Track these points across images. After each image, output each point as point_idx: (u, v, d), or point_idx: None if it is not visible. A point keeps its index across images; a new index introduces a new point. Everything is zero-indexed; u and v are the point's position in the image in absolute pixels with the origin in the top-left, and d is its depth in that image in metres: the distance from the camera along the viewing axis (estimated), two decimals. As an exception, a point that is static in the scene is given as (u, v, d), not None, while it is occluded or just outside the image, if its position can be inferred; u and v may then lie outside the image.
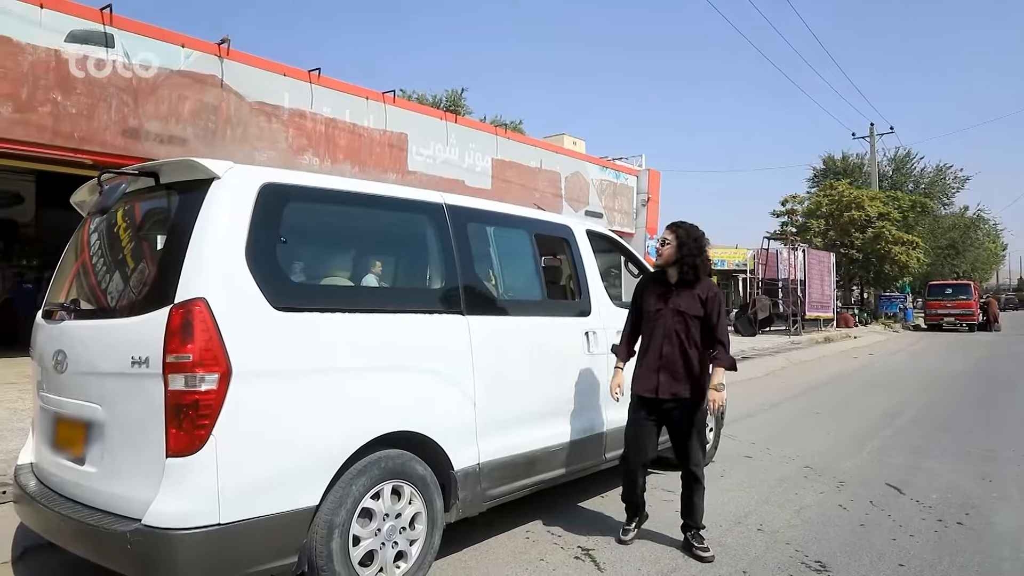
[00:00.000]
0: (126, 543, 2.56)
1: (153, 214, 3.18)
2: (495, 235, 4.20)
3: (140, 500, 2.60)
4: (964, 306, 28.91)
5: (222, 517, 2.59)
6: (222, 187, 2.84)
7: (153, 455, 2.62)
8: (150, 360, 2.66)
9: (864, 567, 3.56)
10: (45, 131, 10.37)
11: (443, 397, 3.43)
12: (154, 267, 2.91)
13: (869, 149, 33.87)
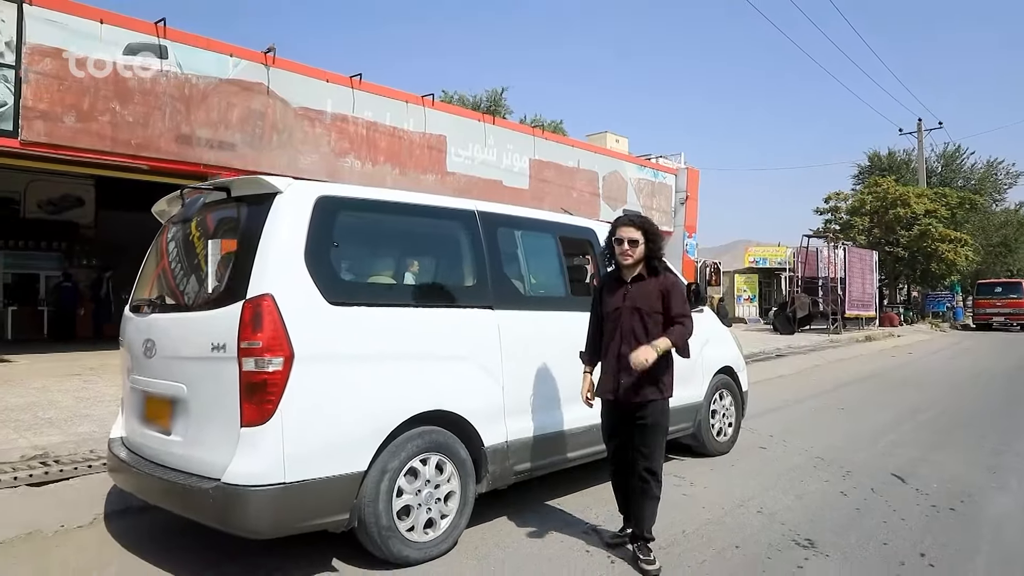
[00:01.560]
0: (208, 498, 3.12)
1: (225, 223, 3.74)
2: (522, 238, 4.63)
3: (219, 463, 3.14)
4: (1014, 305, 28.14)
5: (287, 477, 3.11)
6: (284, 200, 3.39)
7: (229, 425, 3.15)
8: (227, 346, 3.19)
9: (850, 544, 3.81)
10: (105, 139, 11.09)
11: (474, 381, 3.90)
12: (228, 267, 3.44)
13: (917, 145, 33.12)
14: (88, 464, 5.08)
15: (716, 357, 6.00)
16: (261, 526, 3.12)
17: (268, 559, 3.62)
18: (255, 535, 3.20)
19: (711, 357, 5.92)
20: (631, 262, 3.63)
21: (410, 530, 3.51)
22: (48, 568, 3.55)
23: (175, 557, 3.70)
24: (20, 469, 4.90)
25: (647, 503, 3.60)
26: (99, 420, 6.41)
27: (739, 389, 6.30)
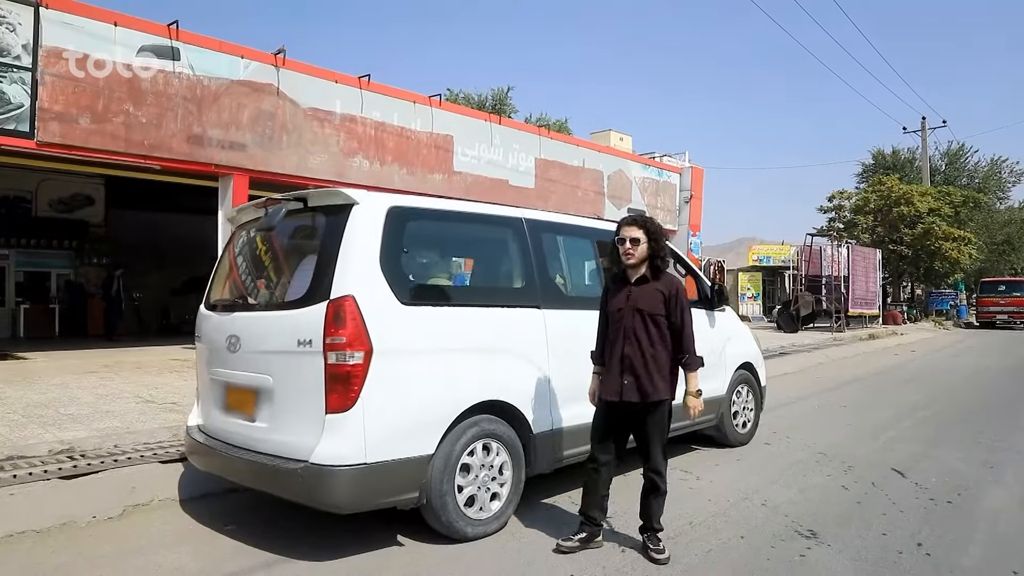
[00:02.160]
0: (297, 477, 3.50)
1: (302, 230, 4.18)
2: (564, 243, 4.98)
3: (305, 446, 3.51)
4: (1018, 303, 28.23)
5: (367, 459, 3.49)
6: (361, 210, 3.76)
7: (315, 413, 3.53)
8: (313, 341, 3.57)
9: (850, 535, 3.97)
10: (119, 140, 11.27)
11: (524, 374, 4.29)
12: (312, 271, 3.79)
13: (920, 144, 33.20)
14: (114, 459, 5.25)
15: (737, 353, 6.36)
16: (344, 502, 3.52)
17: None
18: (338, 510, 3.60)
19: (732, 353, 6.29)
20: (634, 261, 3.68)
21: (468, 508, 3.88)
22: (105, 552, 3.73)
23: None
24: (49, 463, 5.08)
25: (656, 499, 3.72)
26: (120, 416, 6.60)
27: (758, 384, 6.67)
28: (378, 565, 3.60)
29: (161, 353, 12.79)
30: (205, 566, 3.62)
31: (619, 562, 3.59)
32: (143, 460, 5.21)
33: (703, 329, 5.85)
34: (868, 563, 3.55)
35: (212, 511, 4.47)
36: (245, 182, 12.87)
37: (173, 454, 5.37)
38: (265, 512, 4.43)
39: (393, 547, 3.82)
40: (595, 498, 3.79)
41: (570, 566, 3.53)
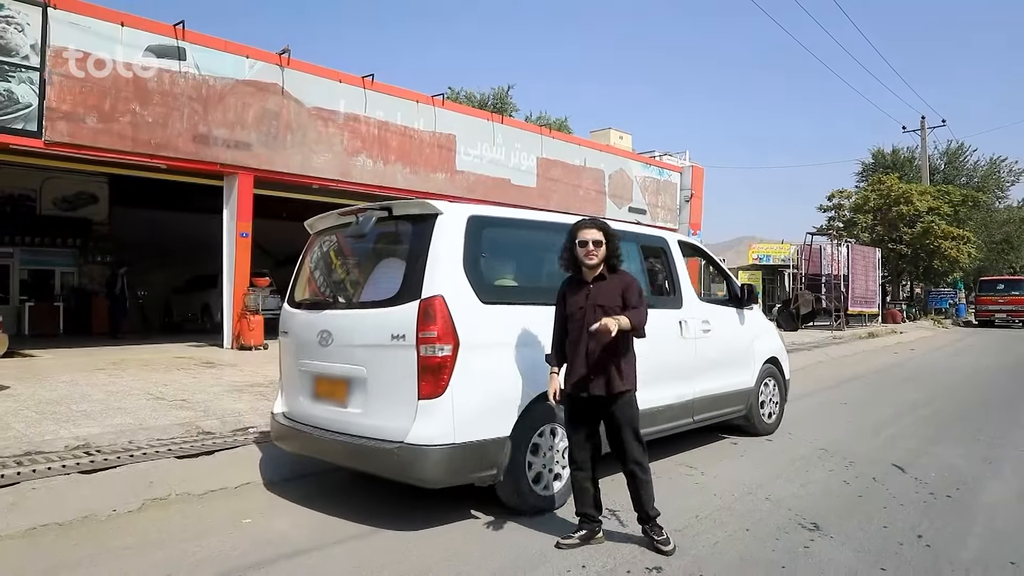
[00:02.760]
0: (393, 455, 3.94)
1: (385, 236, 4.62)
2: None
3: (399, 429, 3.96)
4: (1017, 302, 28.34)
5: (456, 439, 3.93)
6: (445, 219, 4.18)
7: (408, 399, 3.97)
8: (406, 336, 3.99)
9: (852, 527, 4.07)
10: (126, 139, 11.38)
11: None
12: (400, 273, 4.23)
13: (920, 143, 33.31)
14: (130, 454, 5.35)
15: (764, 349, 6.86)
16: (436, 478, 3.95)
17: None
18: (430, 485, 4.03)
19: (760, 349, 6.79)
20: (596, 261, 3.80)
21: (536, 485, 4.31)
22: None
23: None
24: (66, 458, 5.18)
25: (642, 488, 3.78)
26: (132, 413, 6.69)
27: (783, 377, 7.16)
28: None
29: (167, 351, 12.90)
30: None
31: (628, 553, 3.70)
32: (158, 456, 5.31)
33: (734, 326, 6.49)
34: (870, 554, 3.66)
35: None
36: (250, 181, 12.98)
37: (187, 449, 5.49)
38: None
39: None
40: (586, 496, 3.87)
41: (580, 556, 3.63)
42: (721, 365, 6.14)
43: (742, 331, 6.52)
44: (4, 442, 5.40)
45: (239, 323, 13.03)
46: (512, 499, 4.24)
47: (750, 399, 6.54)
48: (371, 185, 15.08)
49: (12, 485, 4.41)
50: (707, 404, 5.92)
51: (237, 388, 8.41)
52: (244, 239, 13.06)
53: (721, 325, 6.17)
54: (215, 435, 6.09)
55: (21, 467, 4.92)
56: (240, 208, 12.88)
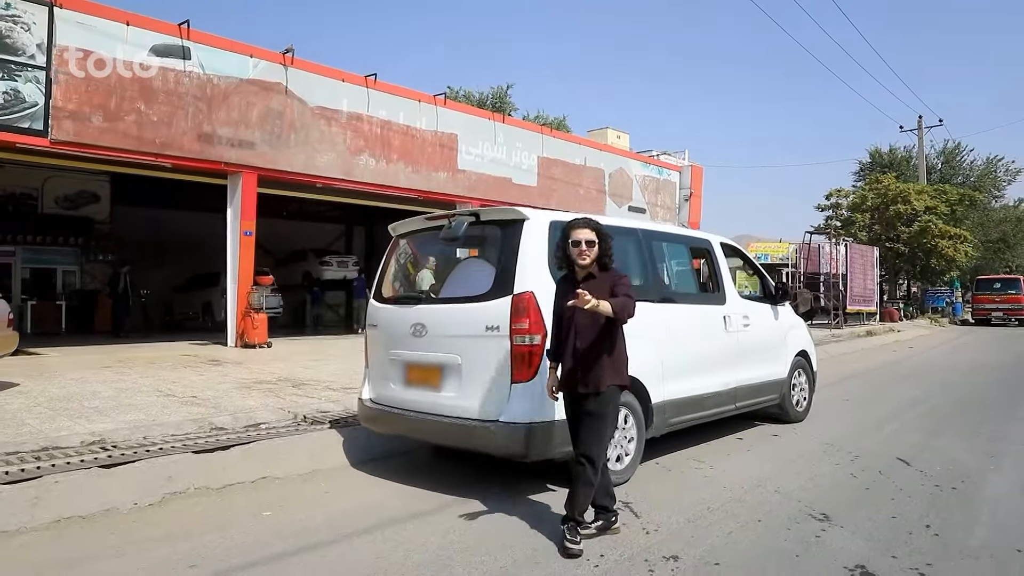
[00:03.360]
0: (490, 432, 4.41)
1: (473, 239, 5.10)
2: (667, 249, 6.05)
3: (494, 409, 4.44)
4: (1013, 300, 28.52)
5: (544, 418, 4.37)
6: (531, 224, 4.66)
7: (502, 383, 4.45)
8: (500, 327, 4.46)
9: (861, 518, 4.16)
10: (131, 138, 11.43)
11: (646, 355, 5.10)
12: (491, 271, 4.75)
13: (917, 142, 33.47)
14: (146, 449, 5.42)
15: (795, 342, 7.39)
16: (528, 451, 4.37)
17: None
18: (522, 458, 4.46)
19: (792, 342, 7.32)
20: (588, 261, 3.85)
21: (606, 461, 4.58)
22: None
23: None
24: (84, 453, 5.25)
25: (580, 488, 3.73)
26: (144, 409, 6.76)
27: (811, 369, 7.66)
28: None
29: (171, 349, 12.95)
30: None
31: (644, 542, 3.78)
32: (174, 451, 5.38)
33: (768, 320, 7.00)
34: (881, 543, 3.74)
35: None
36: (254, 180, 13.04)
37: (202, 444, 5.55)
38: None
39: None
40: (597, 489, 3.88)
41: (598, 546, 3.71)
42: (759, 357, 6.65)
43: (776, 325, 7.06)
44: (21, 438, 5.46)
45: (243, 321, 13.09)
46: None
47: (783, 388, 7.05)
48: (374, 184, 15.16)
49: (34, 479, 4.47)
50: (747, 392, 6.43)
51: (245, 385, 8.48)
52: (248, 237, 13.12)
53: (758, 320, 6.72)
54: (228, 431, 6.16)
55: (40, 462, 4.98)
56: (244, 207, 12.94)
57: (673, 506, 4.43)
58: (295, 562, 3.55)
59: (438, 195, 16.65)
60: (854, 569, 3.40)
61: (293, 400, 7.47)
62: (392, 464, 5.58)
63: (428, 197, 16.55)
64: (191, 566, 3.50)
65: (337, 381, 8.94)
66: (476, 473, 5.21)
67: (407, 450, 5.95)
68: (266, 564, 3.52)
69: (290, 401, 7.41)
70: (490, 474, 5.13)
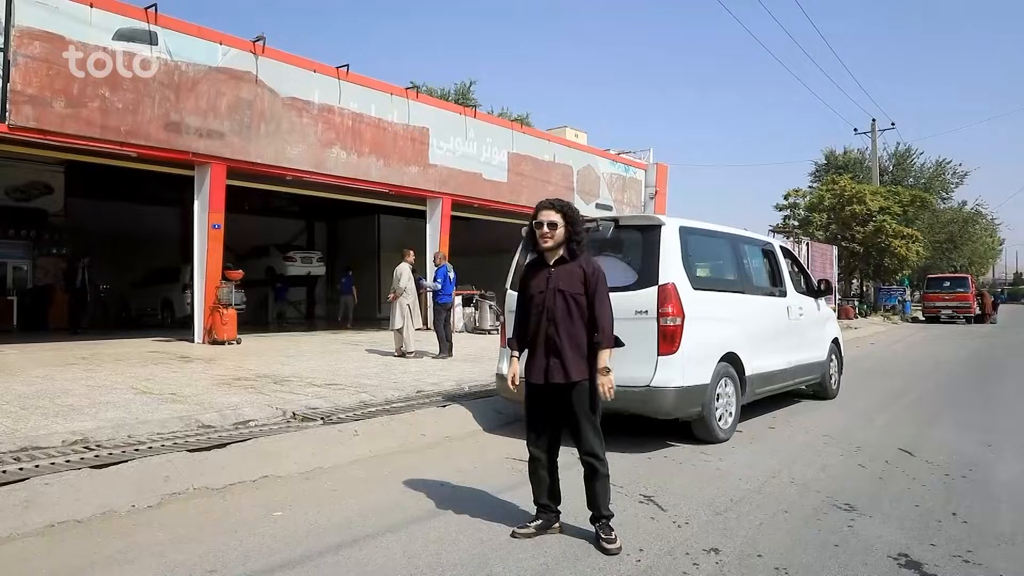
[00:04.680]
0: (640, 395, 5.51)
1: (614, 243, 6.03)
2: (748, 250, 7.30)
3: (644, 376, 5.52)
4: (961, 299, 29.48)
5: (683, 383, 5.57)
6: (667, 228, 5.83)
7: (649, 356, 5.54)
8: (648, 311, 5.57)
9: (886, 507, 4.16)
10: (94, 125, 10.93)
11: (740, 335, 6.41)
12: (636, 266, 5.80)
13: (870, 144, 34.43)
14: (134, 448, 5.13)
15: (831, 331, 8.70)
16: (670, 410, 5.60)
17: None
18: (666, 416, 5.68)
19: (829, 331, 8.64)
20: (551, 244, 3.66)
21: (718, 422, 5.92)
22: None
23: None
24: (68, 454, 4.93)
25: (597, 484, 3.60)
26: (123, 407, 6.42)
27: (840, 354, 8.93)
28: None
29: (135, 346, 12.44)
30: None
31: (680, 536, 3.70)
32: (165, 449, 5.11)
33: (813, 311, 8.22)
34: (914, 531, 3.74)
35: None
36: (223, 172, 12.62)
37: (194, 443, 5.29)
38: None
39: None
40: (543, 486, 3.73)
41: (636, 541, 3.62)
42: (808, 341, 7.94)
43: (819, 316, 8.38)
44: (-3, 438, 5.11)
45: (211, 317, 12.64)
46: (702, 432, 5.86)
47: (824, 369, 8.29)
48: (345, 177, 14.84)
49: (20, 481, 4.17)
50: (801, 371, 7.68)
51: (224, 382, 8.16)
52: (216, 231, 12.69)
53: (808, 310, 7.98)
54: (216, 428, 5.89)
55: (22, 463, 4.67)
56: (212, 199, 12.51)
57: (696, 499, 4.36)
58: (322, 564, 3.36)
59: (410, 190, 16.40)
60: (898, 557, 3.37)
61: (279, 396, 7.21)
62: (397, 461, 5.40)
63: (400, 192, 16.29)
64: (210, 571, 3.28)
65: (319, 377, 8.67)
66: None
67: (408, 450, 5.78)
68: (291, 568, 3.32)
69: (276, 397, 7.14)
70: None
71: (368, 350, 12.20)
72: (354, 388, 7.89)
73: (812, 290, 8.27)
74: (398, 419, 6.37)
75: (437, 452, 5.74)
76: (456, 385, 8.42)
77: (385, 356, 11.23)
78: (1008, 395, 9.18)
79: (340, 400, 7.15)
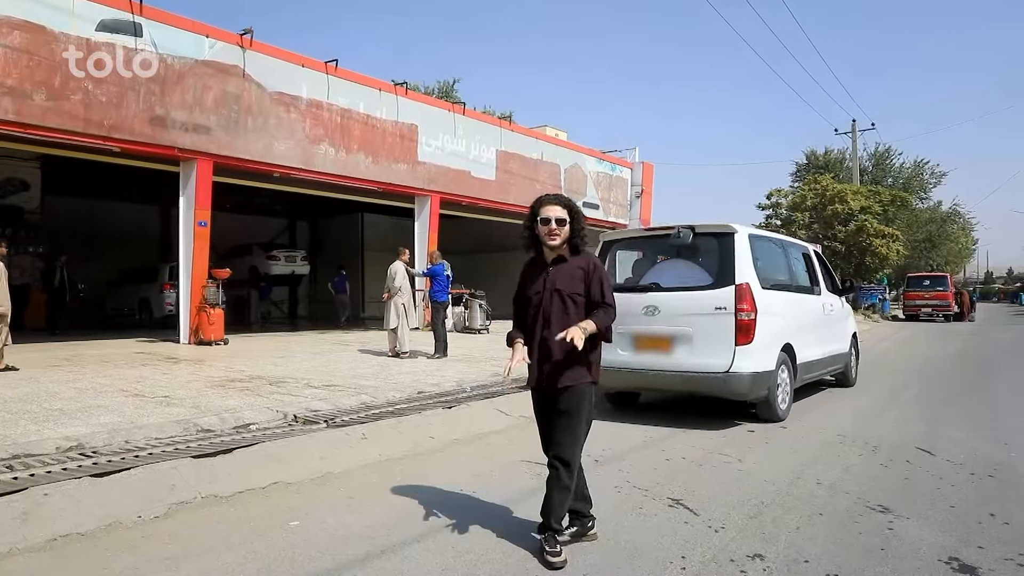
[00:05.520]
0: (722, 380, 6.42)
1: (690, 248, 6.92)
2: (793, 254, 8.25)
3: (722, 364, 6.40)
4: (941, 297, 29.85)
5: (756, 369, 6.44)
6: (739, 235, 6.69)
7: (728, 346, 6.40)
8: (727, 307, 6.42)
9: (922, 509, 4.06)
10: (77, 119, 10.60)
11: (792, 328, 7.30)
12: (713, 268, 6.69)
13: (851, 145, 34.72)
14: (135, 455, 4.91)
15: (851, 326, 9.71)
16: (745, 392, 6.49)
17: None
18: (740, 397, 6.60)
19: (849, 326, 9.61)
20: (558, 242, 3.41)
21: (780, 404, 6.84)
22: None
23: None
24: (64, 461, 4.70)
25: (556, 492, 3.36)
26: (115, 411, 6.17)
27: (857, 347, 9.83)
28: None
29: (118, 346, 12.08)
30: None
31: (720, 541, 3.57)
32: (167, 455, 4.89)
33: (839, 308, 9.15)
34: (957, 532, 3.64)
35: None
36: (209, 167, 12.31)
37: (196, 448, 5.07)
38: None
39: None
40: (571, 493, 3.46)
41: (677, 549, 3.48)
42: (836, 335, 8.87)
43: (842, 312, 9.32)
44: (-14, 444, 4.85)
45: (197, 317, 12.32)
46: (766, 412, 6.77)
47: (847, 359, 9.23)
48: (334, 175, 14.57)
49: (17, 492, 3.93)
50: (832, 361, 8.61)
51: (218, 384, 7.91)
52: (203, 228, 12.37)
53: (836, 307, 8.93)
54: (217, 432, 5.68)
55: (16, 472, 4.43)
56: (199, 195, 12.19)
57: (725, 502, 4.23)
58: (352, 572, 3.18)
59: (399, 187, 16.16)
60: (949, 561, 3.27)
61: (277, 399, 6.99)
62: (408, 465, 5.22)
63: (388, 189, 16.04)
64: (232, 586, 3.08)
65: (316, 378, 8.45)
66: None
67: (419, 453, 5.60)
68: (318, 580, 3.14)
69: (274, 400, 6.92)
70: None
71: (360, 350, 11.96)
72: (353, 389, 7.68)
73: (837, 289, 9.21)
74: (405, 421, 6.19)
75: (448, 455, 5.56)
76: (457, 385, 8.25)
77: (379, 356, 11.01)
78: (1005, 392, 9.21)
79: (341, 402, 6.95)
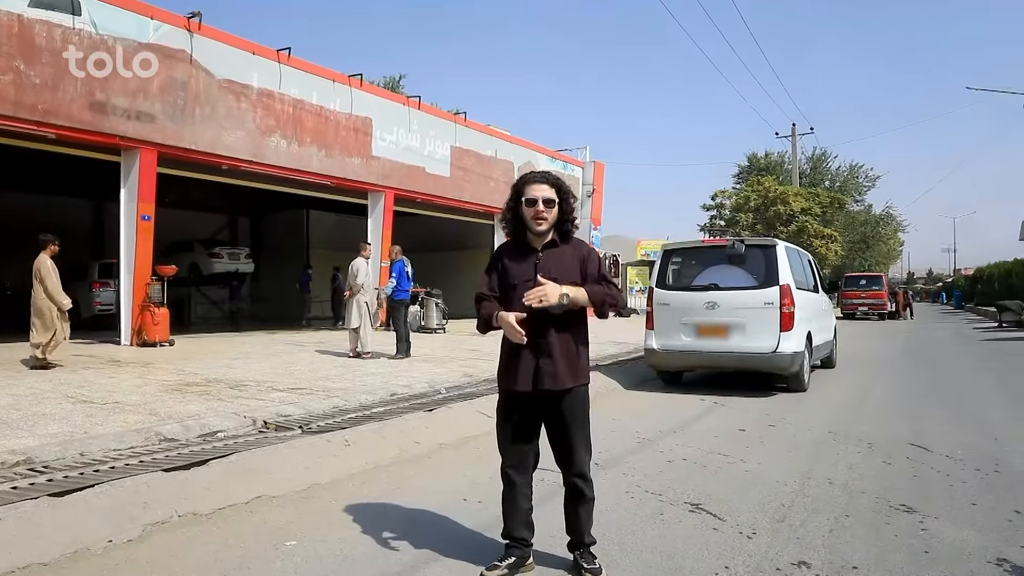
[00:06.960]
0: (768, 358, 8.31)
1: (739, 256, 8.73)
2: (805, 260, 10.21)
3: (769, 346, 8.28)
4: (877, 296, 30.86)
5: (795, 349, 8.30)
6: (780, 247, 8.69)
7: (773, 332, 8.28)
8: (773, 303, 8.33)
9: (943, 507, 3.96)
10: (6, 102, 9.82)
11: (809, 319, 8.97)
12: (760, 272, 8.55)
13: (791, 148, 35.69)
14: (94, 469, 4.41)
15: (833, 319, 11.63)
16: (786, 367, 8.27)
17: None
18: (786, 372, 8.35)
19: (832, 319, 11.57)
20: (547, 226, 3.04)
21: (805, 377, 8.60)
22: None
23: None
24: (13, 479, 4.17)
25: (584, 508, 3.10)
26: (63, 419, 5.60)
27: (836, 336, 11.65)
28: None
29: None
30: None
31: (759, 549, 3.36)
32: (130, 469, 4.40)
33: (827, 304, 11.27)
34: (991, 531, 3.54)
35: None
36: (153, 158, 11.57)
37: (163, 460, 4.59)
38: None
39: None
40: (520, 515, 3.11)
41: (719, 559, 3.25)
42: (826, 326, 10.72)
43: (827, 307, 11.25)
44: (-81, 460, 4.27)
45: (140, 317, 11.56)
46: (795, 384, 8.51)
47: (831, 347, 11.13)
48: (286, 168, 13.95)
49: (-37, 515, 3.41)
50: (825, 346, 10.44)
51: (173, 388, 7.34)
52: (146, 222, 11.61)
53: (826, 303, 11.05)
54: (182, 442, 5.20)
55: (-44, 491, 3.88)
56: (142, 187, 11.43)
57: (745, 505, 4.04)
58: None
59: (352, 183, 15.62)
60: (1000, 563, 3.14)
61: (242, 403, 6.50)
62: (398, 473, 4.86)
63: (342, 184, 15.49)
64: (235, 619, 2.70)
65: (278, 381, 7.96)
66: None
67: (406, 460, 5.25)
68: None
69: (239, 404, 6.44)
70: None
71: (318, 351, 11.43)
72: (322, 392, 7.24)
73: (824, 288, 11.17)
74: (388, 426, 5.81)
75: (438, 461, 5.23)
76: (429, 387, 7.89)
77: (339, 357, 10.53)
78: (969, 386, 9.42)
79: (311, 406, 6.51)
